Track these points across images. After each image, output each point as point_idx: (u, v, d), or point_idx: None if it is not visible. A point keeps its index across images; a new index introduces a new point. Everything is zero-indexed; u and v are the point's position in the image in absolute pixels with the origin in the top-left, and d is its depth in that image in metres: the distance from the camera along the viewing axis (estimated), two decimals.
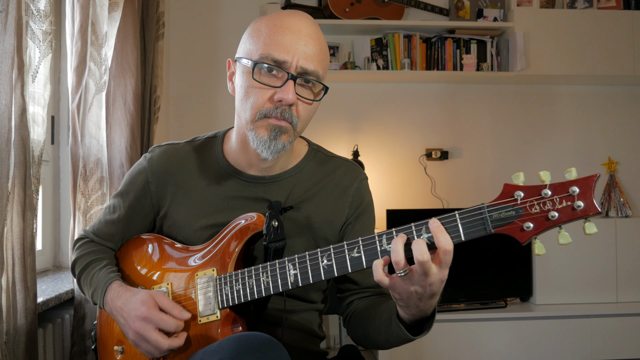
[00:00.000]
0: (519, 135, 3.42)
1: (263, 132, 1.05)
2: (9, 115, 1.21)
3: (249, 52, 1.07)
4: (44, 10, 1.34)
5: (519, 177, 0.85)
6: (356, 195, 1.20)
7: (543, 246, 0.84)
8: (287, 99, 1.02)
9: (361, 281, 1.18)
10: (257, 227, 1.05)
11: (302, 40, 1.04)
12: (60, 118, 2.12)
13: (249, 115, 1.06)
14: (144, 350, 1.03)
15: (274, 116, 1.04)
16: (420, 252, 0.83)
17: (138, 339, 1.02)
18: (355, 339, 1.18)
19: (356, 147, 3.17)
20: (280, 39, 1.03)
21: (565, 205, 0.81)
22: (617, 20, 3.21)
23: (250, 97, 1.06)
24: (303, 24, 1.06)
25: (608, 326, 2.92)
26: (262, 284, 1.01)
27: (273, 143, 1.05)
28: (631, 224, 3.12)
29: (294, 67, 1.03)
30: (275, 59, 1.03)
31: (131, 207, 1.21)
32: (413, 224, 0.89)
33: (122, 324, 1.07)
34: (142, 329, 1.01)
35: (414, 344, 2.81)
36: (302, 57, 1.03)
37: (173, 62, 3.18)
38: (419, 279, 0.85)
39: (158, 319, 1.01)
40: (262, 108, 1.04)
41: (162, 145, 1.24)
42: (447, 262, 0.85)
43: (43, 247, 2.01)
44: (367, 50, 3.22)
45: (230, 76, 1.14)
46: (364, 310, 1.14)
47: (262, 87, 1.04)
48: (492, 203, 0.85)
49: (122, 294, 1.08)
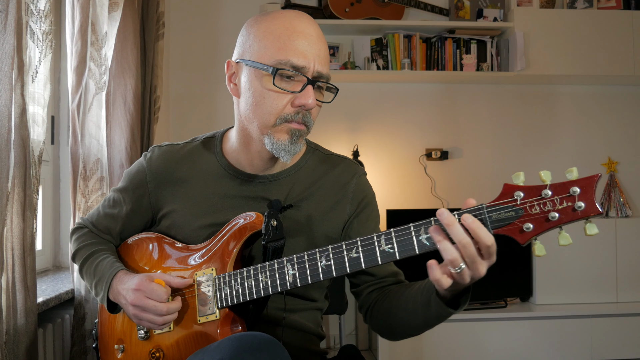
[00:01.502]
0: (519, 135, 3.42)
1: (284, 136, 1.06)
2: (9, 115, 1.21)
3: (261, 56, 1.05)
4: (44, 10, 1.34)
5: (519, 177, 0.84)
6: (356, 190, 1.20)
7: (543, 247, 0.83)
8: (308, 105, 1.03)
9: (377, 272, 1.17)
10: (256, 227, 1.05)
11: (316, 45, 1.05)
12: (60, 118, 2.12)
13: (266, 121, 1.06)
14: (146, 322, 1.05)
15: (295, 121, 1.05)
16: (485, 237, 0.82)
17: (137, 311, 1.04)
18: (382, 329, 1.15)
19: (356, 147, 3.17)
20: (296, 44, 1.04)
21: (566, 205, 0.80)
22: (617, 20, 3.21)
23: (266, 103, 1.05)
24: (313, 28, 1.07)
25: (608, 326, 2.92)
26: (260, 283, 1.01)
27: (293, 147, 1.07)
28: (631, 224, 3.12)
29: (311, 71, 1.04)
30: (294, 65, 1.03)
31: (130, 206, 1.22)
32: (412, 225, 0.88)
33: (124, 305, 1.08)
34: (137, 299, 1.03)
35: (414, 343, 2.81)
36: (317, 61, 1.05)
37: (173, 62, 3.18)
38: (472, 269, 0.85)
39: (149, 288, 1.03)
40: (283, 113, 1.05)
41: (162, 146, 1.24)
42: (491, 253, 0.84)
43: (43, 247, 2.01)
44: (367, 50, 3.22)
45: (230, 77, 1.13)
46: (389, 298, 1.12)
47: (281, 92, 1.04)
48: (492, 204, 0.84)
49: (124, 278, 1.10)
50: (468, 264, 0.85)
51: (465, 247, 0.83)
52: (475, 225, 0.82)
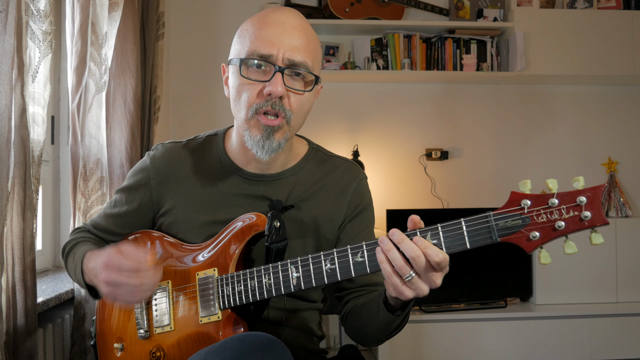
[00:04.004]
0: (519, 135, 3.42)
1: (256, 132, 1.06)
2: (9, 115, 1.21)
3: (237, 53, 1.09)
4: (44, 10, 1.34)
5: (526, 185, 0.83)
6: (355, 194, 1.21)
7: (549, 255, 0.83)
8: (275, 92, 1.02)
9: (357, 280, 1.18)
10: (259, 228, 1.05)
11: (287, 33, 1.04)
12: (60, 118, 2.12)
13: (243, 114, 1.07)
14: (122, 299, 1.00)
15: (265, 109, 1.04)
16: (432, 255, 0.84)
17: (111, 289, 0.99)
18: (353, 336, 1.18)
19: (356, 147, 3.17)
20: (264, 34, 1.04)
21: (573, 215, 0.80)
22: (617, 20, 3.21)
23: (241, 95, 1.07)
24: (287, 17, 1.06)
25: (608, 326, 2.92)
26: (264, 285, 1.01)
27: (267, 142, 1.06)
28: (631, 224, 3.12)
29: (281, 59, 1.04)
30: (260, 54, 1.03)
31: (132, 204, 1.22)
32: (418, 230, 0.88)
33: (96, 285, 1.05)
34: (108, 276, 0.98)
35: (414, 343, 2.81)
36: (288, 49, 1.04)
37: (173, 62, 3.18)
38: (426, 279, 0.87)
39: (118, 261, 0.97)
40: (253, 103, 1.05)
41: (166, 144, 1.24)
42: (442, 267, 0.86)
43: (43, 247, 2.01)
44: (367, 50, 3.22)
45: (225, 80, 1.15)
46: (359, 306, 1.15)
47: (252, 83, 1.05)
48: (499, 211, 0.84)
49: (92, 257, 1.07)
50: (421, 275, 0.86)
51: (414, 259, 0.85)
52: (423, 245, 0.85)
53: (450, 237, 0.86)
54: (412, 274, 0.86)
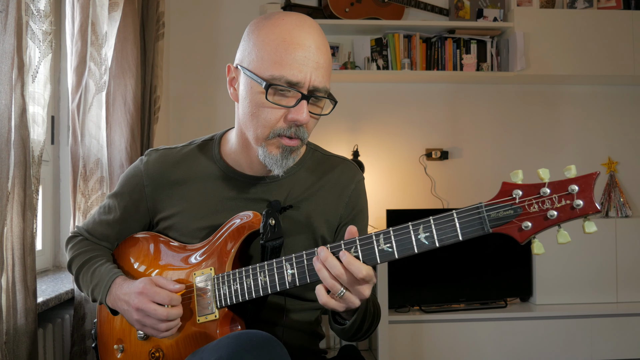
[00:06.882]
0: (519, 135, 3.42)
1: (275, 150, 1.06)
2: (9, 115, 1.21)
3: (257, 67, 1.03)
4: (44, 10, 1.34)
5: (517, 175, 0.83)
6: (353, 196, 1.21)
7: (542, 245, 0.83)
8: (301, 120, 1.02)
9: None
10: (254, 226, 1.05)
11: (314, 57, 1.02)
12: (60, 118, 2.12)
13: (260, 133, 1.05)
14: (149, 328, 1.05)
15: (287, 135, 1.04)
16: (355, 271, 0.89)
17: (140, 316, 1.04)
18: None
19: (356, 147, 3.17)
20: (292, 58, 1.00)
21: (565, 204, 0.80)
22: (617, 20, 3.21)
23: (261, 115, 1.04)
24: (312, 38, 1.03)
25: (608, 326, 2.92)
26: (260, 283, 1.01)
27: (284, 161, 1.07)
28: (631, 224, 3.12)
29: (307, 86, 1.02)
30: (288, 81, 1.00)
31: (126, 210, 1.21)
32: (410, 224, 0.88)
33: (125, 311, 1.08)
34: (140, 302, 1.04)
35: (414, 343, 2.81)
36: (314, 75, 1.01)
37: (173, 62, 3.19)
38: (355, 292, 0.92)
39: (153, 292, 1.04)
40: (275, 127, 1.04)
41: (159, 150, 1.23)
42: (367, 281, 0.90)
43: (43, 247, 2.01)
44: (367, 50, 3.22)
45: (230, 81, 1.12)
46: None
47: (275, 107, 1.03)
48: (490, 202, 0.84)
49: (124, 284, 1.10)
50: (350, 290, 0.92)
51: (339, 276, 0.90)
52: (347, 261, 0.89)
53: (443, 229, 0.86)
54: (342, 291, 0.91)
